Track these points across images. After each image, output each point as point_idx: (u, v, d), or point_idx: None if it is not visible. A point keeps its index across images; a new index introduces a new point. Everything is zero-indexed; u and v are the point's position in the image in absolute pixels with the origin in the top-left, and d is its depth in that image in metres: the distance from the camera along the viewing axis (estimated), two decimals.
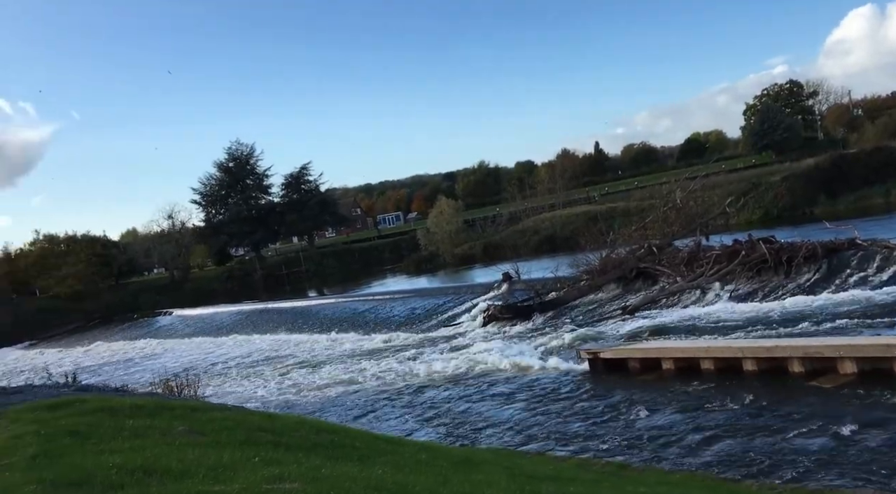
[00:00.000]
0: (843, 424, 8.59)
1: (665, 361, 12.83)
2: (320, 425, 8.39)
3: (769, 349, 11.58)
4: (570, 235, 37.92)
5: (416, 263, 53.16)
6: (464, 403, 13.33)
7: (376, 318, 27.12)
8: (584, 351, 14.25)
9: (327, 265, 67.60)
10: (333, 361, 20.85)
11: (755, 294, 18.16)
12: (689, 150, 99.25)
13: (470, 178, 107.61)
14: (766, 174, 46.30)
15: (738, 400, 10.32)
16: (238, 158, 70.83)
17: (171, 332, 38.00)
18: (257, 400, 16.86)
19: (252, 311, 36.53)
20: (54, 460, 5.23)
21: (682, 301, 19.28)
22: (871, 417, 8.73)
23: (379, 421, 13.10)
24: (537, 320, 20.90)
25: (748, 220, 37.95)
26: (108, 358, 34.27)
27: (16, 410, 7.72)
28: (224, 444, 6.01)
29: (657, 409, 10.61)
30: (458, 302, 25.60)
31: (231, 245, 73.34)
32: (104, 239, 67.52)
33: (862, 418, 8.74)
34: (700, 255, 20.49)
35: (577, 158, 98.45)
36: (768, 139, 75.21)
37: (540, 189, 65.45)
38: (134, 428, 6.47)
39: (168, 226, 68.92)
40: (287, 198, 72.57)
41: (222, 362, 25.29)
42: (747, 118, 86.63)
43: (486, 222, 57.63)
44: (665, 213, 24.05)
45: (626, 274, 21.77)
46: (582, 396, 12.28)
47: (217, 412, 8.51)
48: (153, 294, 60.69)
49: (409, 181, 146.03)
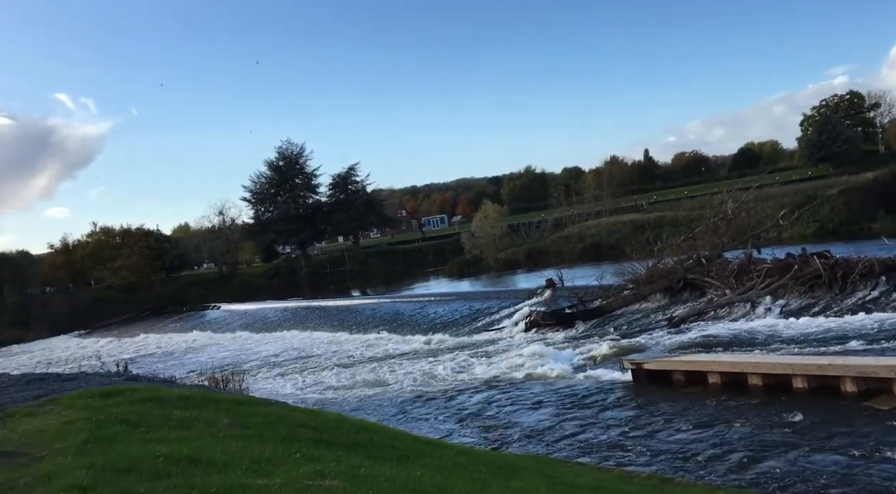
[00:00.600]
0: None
1: (711, 375, 12.55)
2: (360, 424, 8.45)
3: (821, 367, 11.22)
4: (616, 243, 37.49)
5: (460, 266, 53.20)
6: (503, 408, 13.27)
7: (418, 320, 27.22)
8: (627, 361, 14.04)
9: (371, 265, 68.16)
10: (374, 360, 21.00)
11: (807, 309, 17.63)
12: (743, 161, 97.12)
13: (516, 183, 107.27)
14: (823, 187, 44.96)
15: (787, 418, 10.03)
16: (288, 157, 72.03)
17: (219, 326, 38.80)
18: (297, 395, 17.09)
19: (297, 308, 37.05)
20: (104, 446, 5.39)
21: (730, 314, 18.84)
22: None
23: (416, 422, 13.12)
24: (580, 328, 20.69)
25: (802, 234, 36.88)
26: (157, 348, 35.19)
27: (70, 396, 7.98)
28: (267, 438, 6.11)
29: (703, 423, 10.37)
30: (500, 306, 25.52)
31: (278, 242, 74.59)
32: (157, 232, 69.43)
33: None
34: (750, 268, 19.99)
35: (626, 166, 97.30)
36: (826, 151, 73.01)
37: (586, 196, 64.86)
38: (181, 419, 6.63)
39: (218, 222, 70.56)
40: (334, 197, 73.49)
41: (266, 357, 25.72)
42: (804, 129, 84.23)
43: (530, 227, 57.30)
44: (715, 224, 23.54)
45: (673, 285, 21.38)
46: (624, 407, 12.09)
47: (260, 406, 8.65)
48: (202, 288, 62.11)
49: (454, 184, 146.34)
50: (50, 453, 5.28)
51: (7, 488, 4.50)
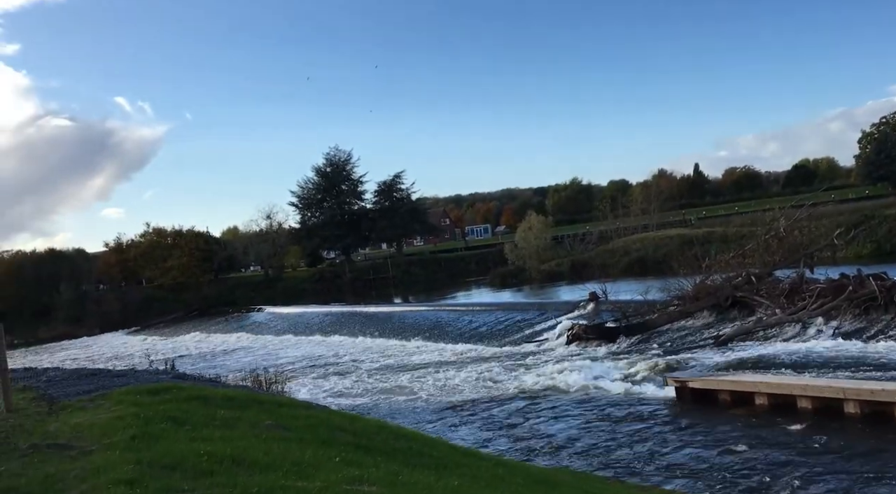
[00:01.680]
0: None
1: (759, 396, 12.23)
2: (399, 431, 8.49)
3: (874, 392, 10.84)
4: (663, 258, 36.85)
5: (502, 277, 52.98)
6: (542, 421, 13.16)
7: (459, 329, 27.20)
8: (671, 379, 13.79)
9: (413, 273, 68.43)
10: (413, 367, 21.06)
11: (861, 332, 17.05)
12: (797, 177, 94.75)
13: (561, 194, 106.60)
14: (881, 206, 43.44)
15: (838, 443, 9.71)
16: (335, 164, 72.96)
17: (263, 328, 39.41)
18: (338, 399, 17.22)
19: (339, 313, 37.41)
20: (151, 442, 5.53)
21: (780, 334, 18.34)
22: None
23: (452, 431, 13.11)
24: (623, 343, 20.40)
25: (858, 254, 35.67)
26: (203, 348, 35.91)
27: (119, 392, 8.21)
28: (307, 441, 6.19)
29: (750, 446, 10.11)
30: (542, 318, 25.34)
31: (323, 247, 75.50)
32: (207, 234, 70.95)
33: None
34: (802, 288, 19.43)
35: (675, 180, 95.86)
36: (885, 170, 70.69)
37: (633, 209, 63.98)
38: (225, 419, 6.76)
39: (266, 225, 71.74)
40: (379, 204, 74.09)
41: (308, 359, 26.03)
42: (863, 146, 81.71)
43: (574, 239, 56.76)
44: (767, 241, 22.96)
45: (721, 303, 20.92)
46: (666, 425, 11.87)
47: (302, 409, 8.77)
48: (248, 290, 63.23)
49: (498, 194, 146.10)
50: (99, 447, 5.45)
51: (58, 480, 4.66)
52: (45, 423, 6.62)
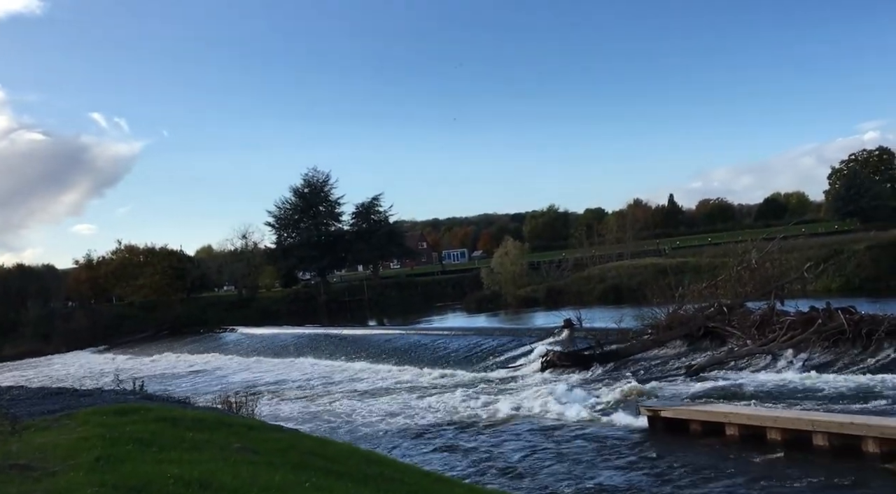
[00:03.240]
0: None
1: (729, 427, 12.31)
2: (371, 456, 8.40)
3: (842, 425, 10.97)
4: (637, 287, 37.16)
5: (478, 301, 53.02)
6: (514, 448, 13.10)
7: (434, 353, 27.08)
8: (643, 408, 13.84)
9: (389, 296, 68.20)
10: (387, 392, 20.89)
11: (830, 365, 17.29)
12: (768, 210, 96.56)
13: (538, 221, 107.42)
14: (850, 241, 44.28)
15: (806, 477, 9.79)
16: (313, 185, 72.84)
17: (235, 349, 38.90)
18: (309, 422, 17.01)
19: (313, 335, 37.08)
20: (116, 465, 5.41)
21: (750, 365, 18.52)
22: None
23: (425, 456, 13.00)
24: (597, 370, 20.44)
25: (827, 288, 36.30)
26: (173, 368, 35.32)
27: (85, 412, 8.04)
28: (277, 465, 6.10)
29: (721, 478, 10.16)
30: (517, 344, 25.33)
31: (299, 268, 75.03)
32: (180, 253, 70.11)
33: None
34: (773, 320, 19.69)
35: (650, 209, 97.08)
36: (853, 206, 72.45)
37: (608, 237, 64.58)
38: (193, 441, 6.65)
39: (241, 245, 71.17)
40: (356, 226, 73.99)
41: (279, 382, 25.70)
42: (832, 182, 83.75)
43: (550, 266, 57.10)
44: (739, 273, 23.30)
45: (693, 332, 21.12)
46: (638, 454, 11.88)
47: (273, 432, 8.65)
48: (221, 310, 62.44)
49: (476, 219, 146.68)
50: (63, 468, 5.32)
51: None
52: (6, 443, 6.45)
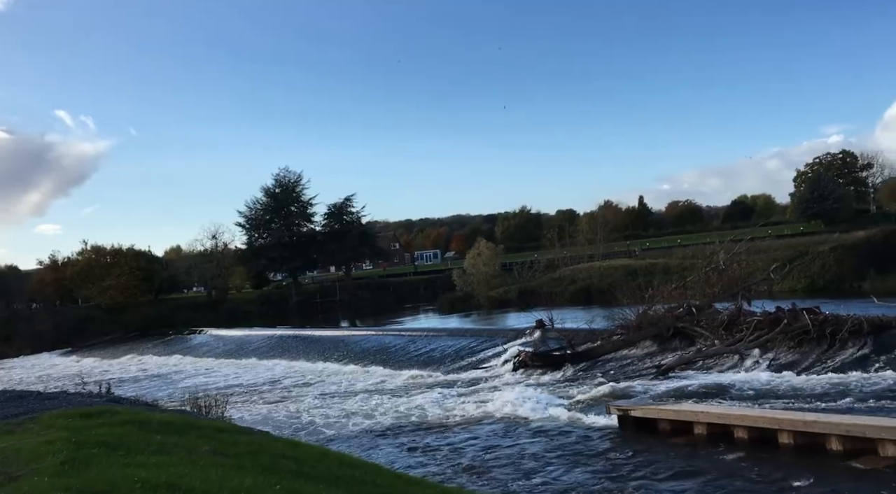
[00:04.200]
0: None
1: (697, 425, 12.48)
2: (343, 458, 8.36)
3: (807, 423, 11.19)
4: (608, 288, 37.48)
5: (451, 302, 53.07)
6: (485, 449, 13.13)
7: (406, 354, 27.04)
8: (614, 407, 13.96)
9: (362, 297, 67.94)
10: (359, 393, 20.80)
11: (795, 364, 17.63)
12: (736, 212, 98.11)
13: (510, 222, 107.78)
14: (815, 243, 45.24)
15: (772, 474, 9.97)
16: (285, 185, 72.27)
17: (204, 351, 38.42)
18: (280, 425, 16.87)
19: (284, 337, 36.78)
20: (82, 469, 5.32)
21: (718, 365, 18.81)
22: None
23: (398, 458, 12.97)
24: (568, 371, 20.58)
25: (792, 289, 37.04)
26: (141, 371, 34.76)
27: (49, 416, 7.88)
28: (248, 468, 6.04)
29: (687, 476, 10.30)
30: (489, 344, 25.40)
31: (270, 269, 74.37)
32: (148, 254, 69.04)
33: None
34: (740, 320, 20.03)
35: (620, 211, 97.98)
36: (818, 208, 73.96)
37: (580, 239, 65.12)
38: (161, 444, 6.55)
39: (211, 246, 70.29)
40: (328, 227, 73.58)
41: (250, 384, 25.44)
42: (797, 185, 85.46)
43: (522, 267, 57.37)
44: (707, 274, 23.64)
45: (663, 333, 21.37)
46: (608, 453, 12.00)
47: (243, 435, 8.56)
48: (190, 311, 61.59)
49: (449, 220, 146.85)
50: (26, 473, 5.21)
51: None
52: None
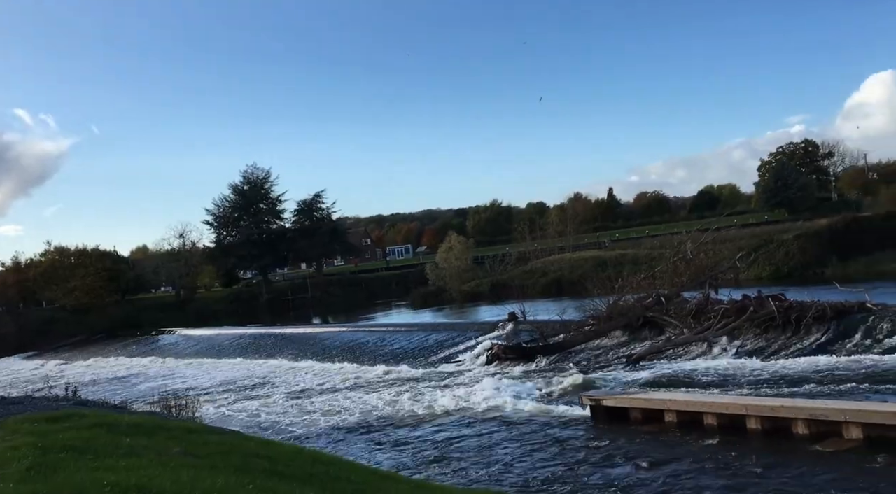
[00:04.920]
0: (845, 493, 8.43)
1: (668, 413, 12.67)
2: (316, 455, 8.32)
3: (774, 408, 11.43)
4: (579, 279, 37.83)
5: (423, 297, 53.05)
6: (460, 442, 13.18)
7: (379, 350, 27.00)
8: (586, 397, 14.11)
9: (334, 293, 67.58)
10: (332, 390, 20.73)
11: (762, 351, 18.00)
12: (702, 202, 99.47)
13: (481, 216, 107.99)
14: (779, 231, 46.12)
15: (740, 459, 10.16)
16: (253, 182, 71.47)
17: (174, 351, 37.91)
18: (252, 424, 16.74)
19: (255, 335, 36.46)
20: (49, 474, 5.21)
21: (688, 353, 19.12)
22: (876, 488, 8.56)
23: (372, 454, 12.96)
24: (541, 362, 20.75)
25: (758, 276, 37.72)
26: (109, 373, 34.18)
27: (15, 420, 7.72)
28: (219, 468, 5.97)
29: (658, 463, 10.45)
30: (462, 338, 25.48)
31: (239, 267, 73.55)
32: (114, 254, 67.79)
33: (865, 488, 8.57)
34: (708, 308, 20.37)
35: (590, 203, 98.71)
36: (782, 196, 75.36)
37: (550, 231, 65.55)
38: (130, 447, 6.45)
39: (178, 244, 69.27)
40: (298, 224, 72.97)
41: (221, 383, 25.17)
42: (762, 174, 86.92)
43: (494, 260, 57.57)
44: (675, 264, 23.99)
45: (633, 323, 21.64)
46: (582, 443, 12.12)
47: (214, 435, 8.47)
48: (158, 312, 60.66)
49: (420, 215, 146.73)
50: None
51: None
52: None
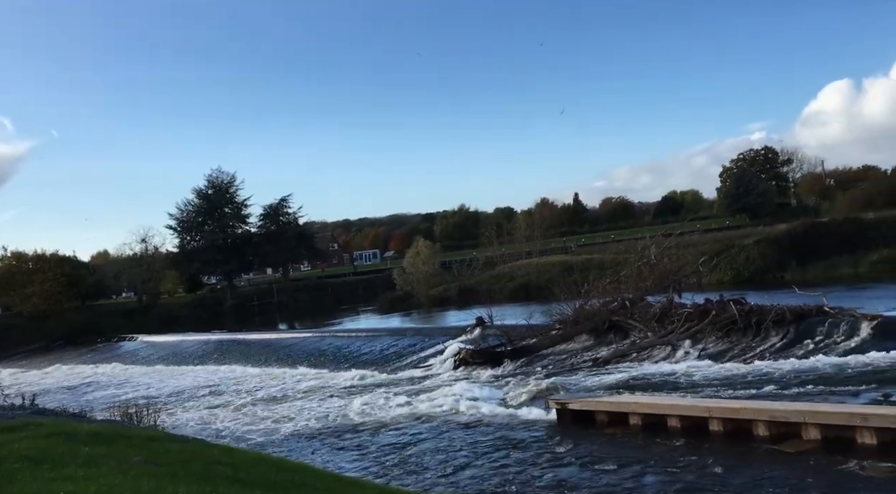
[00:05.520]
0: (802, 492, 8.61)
1: (633, 416, 12.81)
2: (281, 462, 8.24)
3: (735, 410, 11.63)
4: (545, 284, 38.05)
5: (391, 302, 52.94)
6: (427, 448, 13.15)
7: (346, 355, 26.83)
8: (552, 401, 14.20)
9: (300, 298, 67.06)
10: (298, 397, 20.53)
11: (724, 354, 18.31)
12: (666, 208, 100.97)
13: (449, 221, 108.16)
14: (740, 236, 47.06)
15: (703, 461, 10.31)
16: (218, 186, 70.63)
17: (135, 358, 37.20)
18: (215, 432, 16.49)
19: (219, 341, 35.96)
20: (4, 485, 5.07)
21: (652, 356, 19.36)
22: (834, 488, 8.76)
23: (338, 461, 12.86)
24: (508, 366, 20.82)
25: (720, 281, 38.41)
26: (68, 380, 33.40)
27: None
28: (181, 477, 5.87)
29: (624, 466, 10.55)
30: (429, 343, 25.45)
31: (203, 272, 72.58)
32: (74, 259, 66.38)
33: (823, 487, 8.77)
34: (672, 312, 20.67)
35: (556, 208, 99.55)
36: (743, 202, 77.00)
37: (518, 236, 65.95)
38: (89, 456, 6.30)
39: (141, 249, 68.08)
40: (264, 228, 72.29)
41: (184, 391, 24.77)
42: (723, 180, 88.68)
43: (462, 265, 57.72)
44: (639, 268, 24.31)
45: (599, 327, 21.86)
46: (548, 447, 12.18)
47: (175, 443, 8.33)
48: (119, 318, 59.51)
49: (388, 219, 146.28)
50: None
51: None
52: None
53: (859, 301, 22.00)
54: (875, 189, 71.04)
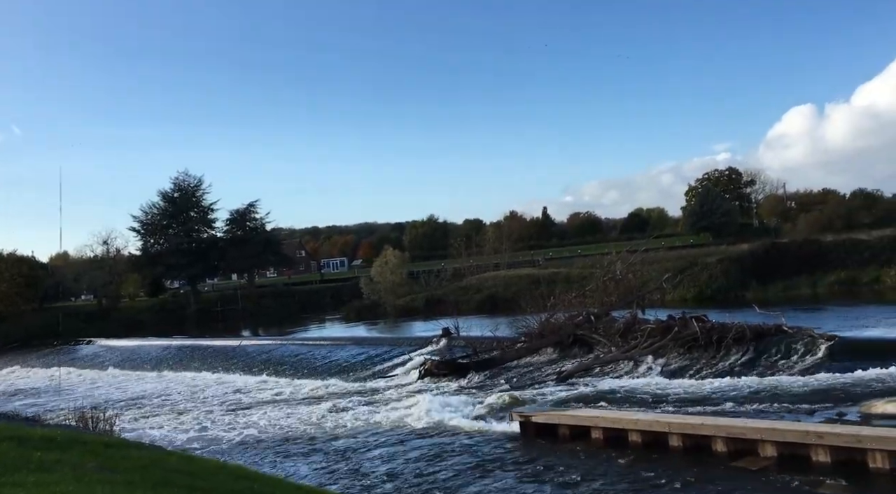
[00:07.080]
0: None
1: (595, 430, 12.91)
2: (240, 471, 8.12)
3: (695, 426, 11.79)
4: (512, 296, 38.22)
5: (357, 311, 52.65)
6: (389, 459, 13.08)
7: (311, 364, 26.57)
8: (516, 414, 14.24)
9: (265, 305, 66.28)
10: (260, 405, 20.27)
11: (685, 370, 18.56)
12: (632, 224, 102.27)
13: (418, 231, 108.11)
14: (703, 254, 47.85)
15: (662, 476, 10.42)
16: (184, 189, 69.58)
17: (93, 362, 36.37)
18: (174, 439, 16.19)
19: (181, 347, 35.33)
20: None
21: (615, 370, 19.54)
22: None
23: (298, 470, 12.72)
24: (473, 378, 20.84)
25: (683, 298, 38.98)
26: (23, 384, 32.55)
27: None
28: (137, 484, 5.76)
29: (585, 480, 10.62)
30: (395, 353, 25.35)
31: (167, 277, 71.28)
32: (31, 259, 64.69)
33: None
34: (635, 327, 20.91)
35: (525, 221, 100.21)
36: (707, 221, 78.39)
37: (486, 248, 66.19)
38: (42, 461, 6.15)
39: (102, 251, 66.69)
40: (230, 233, 71.39)
41: (142, 396, 24.29)
42: (688, 199, 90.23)
43: (430, 276, 57.67)
44: (605, 283, 24.57)
45: (564, 340, 22.01)
46: (510, 459, 12.21)
47: (133, 449, 8.16)
48: (78, 321, 58.07)
49: (356, 227, 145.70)
50: None
51: None
52: None
53: (817, 321, 22.52)
54: (834, 212, 73.00)
